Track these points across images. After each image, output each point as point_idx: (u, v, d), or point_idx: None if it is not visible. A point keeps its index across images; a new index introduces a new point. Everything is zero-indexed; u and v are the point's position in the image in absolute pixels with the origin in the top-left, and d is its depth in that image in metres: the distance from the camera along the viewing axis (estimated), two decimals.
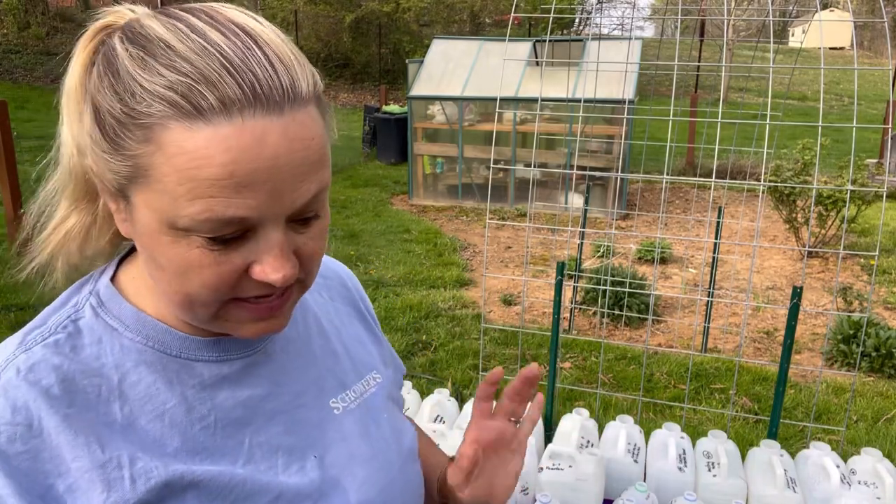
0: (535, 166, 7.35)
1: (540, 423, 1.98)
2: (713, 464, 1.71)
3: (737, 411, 3.40)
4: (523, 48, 8.03)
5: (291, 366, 0.69)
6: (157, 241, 0.55)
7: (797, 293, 1.89)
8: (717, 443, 1.75)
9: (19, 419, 0.54)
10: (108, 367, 0.59)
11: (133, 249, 0.66)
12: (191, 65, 0.50)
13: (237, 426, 0.62)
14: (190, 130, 0.50)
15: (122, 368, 0.59)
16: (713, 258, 4.00)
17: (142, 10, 0.56)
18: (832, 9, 26.65)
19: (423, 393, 2.15)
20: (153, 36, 0.52)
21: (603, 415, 3.25)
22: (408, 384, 2.12)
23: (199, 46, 0.51)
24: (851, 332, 3.92)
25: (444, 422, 1.93)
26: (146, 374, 0.60)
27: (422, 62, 8.20)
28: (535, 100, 6.89)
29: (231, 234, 0.53)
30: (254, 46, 0.52)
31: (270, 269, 0.54)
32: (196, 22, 0.53)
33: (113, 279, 0.64)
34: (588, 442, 1.83)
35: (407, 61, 9.77)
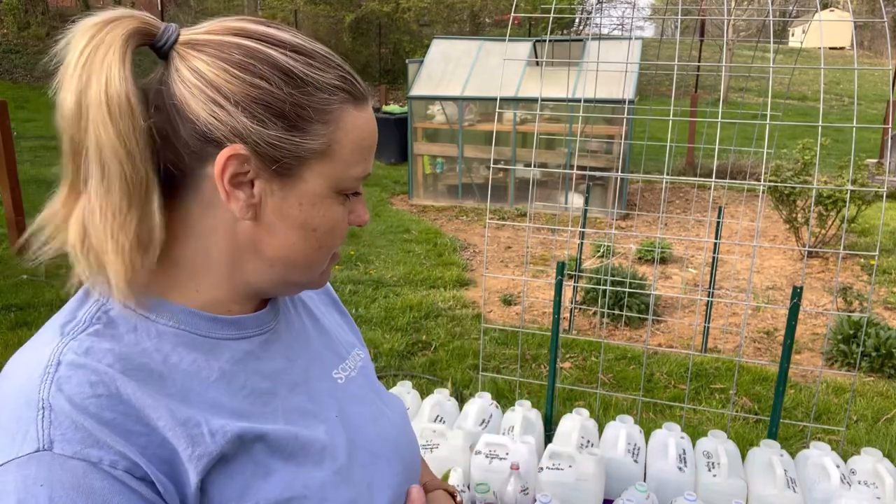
0: (535, 166, 7.35)
1: (540, 423, 1.98)
2: (713, 464, 1.71)
3: (737, 411, 3.40)
4: (523, 48, 8.03)
5: (295, 343, 0.77)
6: (317, 206, 0.68)
7: (797, 293, 1.89)
8: (717, 443, 1.75)
9: (100, 391, 0.57)
10: (150, 351, 0.63)
11: None
12: (337, 65, 0.68)
13: (268, 396, 0.70)
14: (358, 111, 0.68)
15: (162, 351, 0.64)
16: (713, 258, 4.00)
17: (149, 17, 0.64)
18: (832, 9, 26.64)
19: (423, 393, 2.15)
20: (288, 41, 0.65)
21: (603, 415, 3.25)
22: (408, 384, 2.12)
23: (324, 51, 0.68)
24: (851, 332, 3.92)
25: (444, 422, 1.93)
26: (185, 354, 0.65)
27: (422, 62, 8.20)
28: (535, 100, 6.89)
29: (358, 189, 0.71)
30: (346, 62, 0.71)
31: (363, 212, 0.74)
32: (280, 33, 0.67)
33: None
34: (588, 442, 1.83)
35: (407, 61, 9.77)
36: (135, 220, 0.60)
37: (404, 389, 2.08)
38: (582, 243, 4.33)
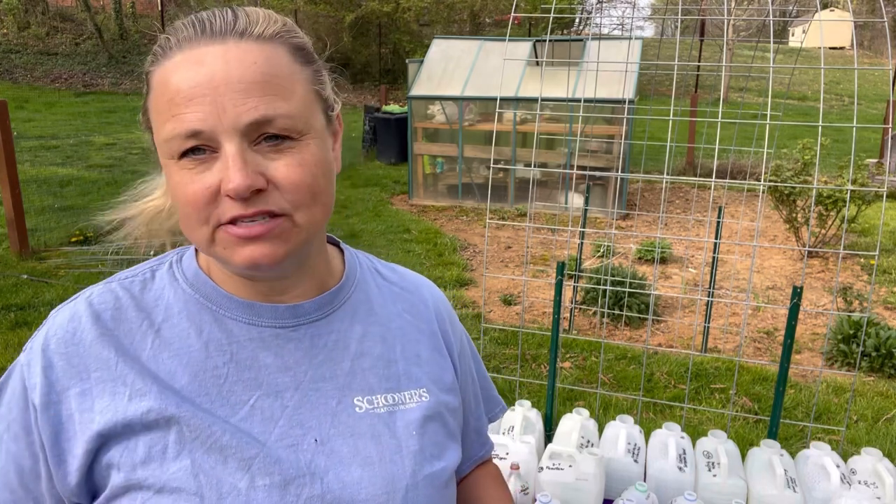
0: (535, 166, 7.35)
1: (540, 423, 1.98)
2: (713, 464, 1.71)
3: (737, 411, 3.40)
4: (523, 48, 8.03)
5: (323, 352, 0.74)
6: (167, 175, 0.67)
7: (797, 293, 1.89)
8: (717, 443, 1.75)
9: (70, 327, 0.68)
10: (159, 308, 0.72)
11: None
12: (172, 27, 0.65)
13: (247, 386, 0.70)
14: (160, 68, 0.64)
15: (170, 311, 0.71)
16: (713, 258, 4.00)
17: None
18: (832, 8, 26.64)
19: None
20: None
21: (603, 415, 3.25)
22: None
23: (188, 19, 0.66)
24: (851, 331, 3.92)
25: None
26: (184, 322, 0.71)
27: (422, 62, 8.19)
28: (535, 100, 6.89)
29: (193, 148, 0.63)
30: (228, 8, 0.66)
31: (227, 178, 0.62)
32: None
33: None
34: (588, 442, 1.83)
35: (407, 61, 9.78)
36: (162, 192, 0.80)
37: None
38: (582, 243, 4.33)
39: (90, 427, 0.65)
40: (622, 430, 1.83)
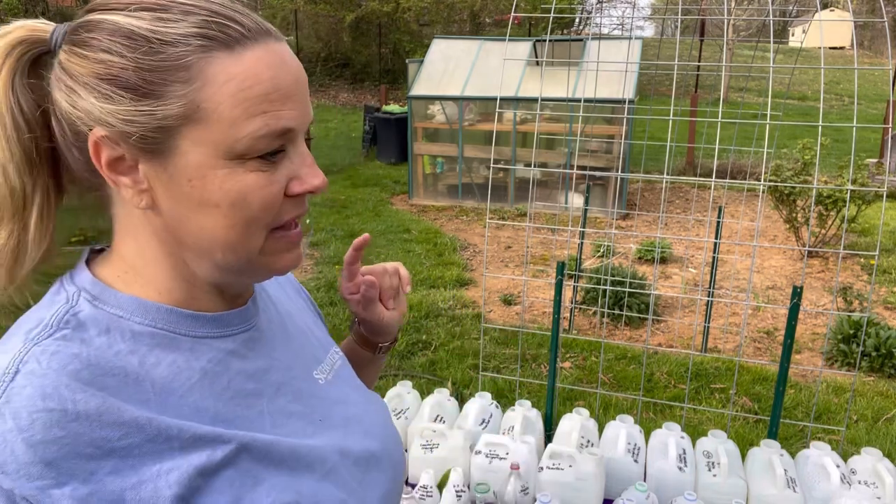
0: (535, 166, 7.35)
1: (540, 423, 1.98)
2: (713, 463, 1.71)
3: (737, 411, 3.40)
4: (523, 48, 8.03)
5: (277, 342, 0.73)
6: (209, 179, 0.58)
7: (797, 293, 1.89)
8: (717, 443, 1.75)
9: (52, 405, 0.52)
10: (123, 354, 0.59)
11: (95, 254, 0.67)
12: (201, 9, 0.57)
13: (253, 397, 0.66)
14: (232, 57, 0.57)
15: (138, 353, 0.60)
16: (713, 258, 4.00)
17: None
18: (832, 8, 26.64)
19: (423, 393, 2.15)
20: (153, 3, 0.58)
21: (603, 415, 3.25)
22: (408, 384, 2.12)
23: (191, 2, 0.58)
24: (851, 331, 3.92)
25: (444, 421, 1.93)
26: (163, 355, 0.61)
27: (422, 62, 8.19)
28: (535, 99, 6.89)
29: (280, 149, 0.60)
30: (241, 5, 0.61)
31: (311, 176, 0.62)
32: None
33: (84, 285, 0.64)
34: (588, 442, 1.83)
35: (407, 61, 9.78)
36: (6, 233, 0.60)
37: (404, 389, 2.08)
38: (582, 243, 4.33)
39: (163, 496, 0.55)
40: (622, 429, 1.83)
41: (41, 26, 0.61)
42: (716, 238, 3.82)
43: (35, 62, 0.61)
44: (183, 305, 0.64)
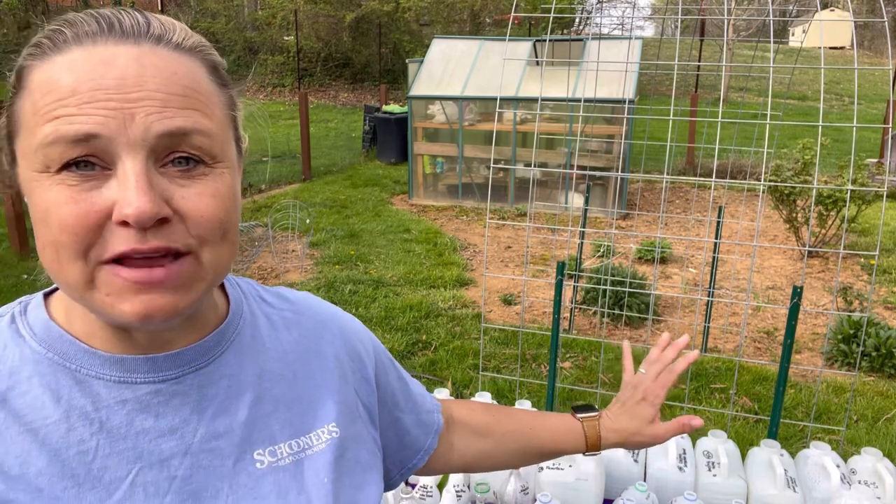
0: (535, 166, 7.35)
1: None
2: (713, 463, 1.71)
3: (737, 411, 3.40)
4: (523, 48, 8.03)
5: (214, 404, 0.62)
6: (30, 194, 0.54)
7: (797, 293, 1.89)
8: (718, 442, 1.75)
9: None
10: (2, 374, 0.57)
11: None
12: (64, 20, 0.54)
13: (123, 458, 0.57)
14: (47, 64, 0.52)
15: (15, 376, 0.57)
16: (713, 258, 4.00)
17: None
18: (832, 8, 26.64)
19: None
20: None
21: None
22: None
23: (87, 12, 0.54)
24: (851, 331, 3.92)
25: None
26: (36, 387, 0.57)
27: (422, 62, 8.20)
28: (535, 99, 6.89)
29: (82, 159, 0.51)
30: (136, 10, 0.56)
31: (125, 201, 0.50)
32: None
33: (48, 296, 0.63)
34: None
35: (407, 61, 9.78)
36: None
37: None
38: (582, 243, 4.33)
39: None
40: None
41: None
42: (716, 238, 3.82)
43: None
44: (89, 341, 0.59)
